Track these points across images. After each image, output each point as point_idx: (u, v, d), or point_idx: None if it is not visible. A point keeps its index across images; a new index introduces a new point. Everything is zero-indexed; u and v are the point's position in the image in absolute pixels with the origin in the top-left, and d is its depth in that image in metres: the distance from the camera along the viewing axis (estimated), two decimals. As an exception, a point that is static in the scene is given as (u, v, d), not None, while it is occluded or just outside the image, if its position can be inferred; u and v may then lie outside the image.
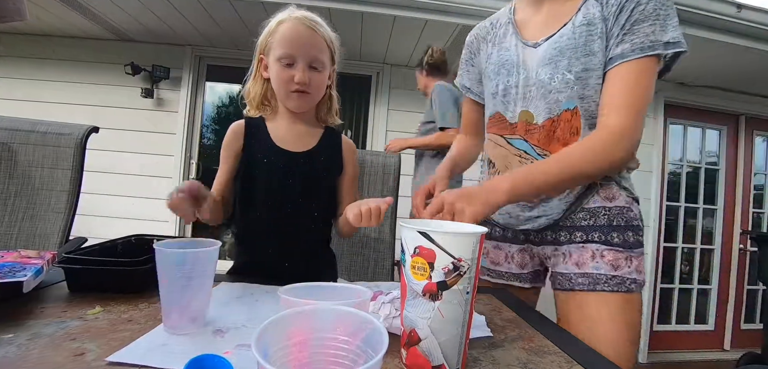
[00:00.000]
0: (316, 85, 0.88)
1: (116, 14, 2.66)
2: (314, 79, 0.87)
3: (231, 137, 0.92)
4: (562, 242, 0.85)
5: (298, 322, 0.35)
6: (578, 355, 0.55)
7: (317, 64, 0.86)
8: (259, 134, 0.91)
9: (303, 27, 0.85)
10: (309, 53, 0.85)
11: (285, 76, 0.85)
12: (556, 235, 0.86)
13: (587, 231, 0.82)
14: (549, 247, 0.88)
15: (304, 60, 0.85)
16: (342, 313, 0.35)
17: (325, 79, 0.90)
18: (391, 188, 1.30)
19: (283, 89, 0.87)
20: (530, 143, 0.83)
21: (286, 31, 0.85)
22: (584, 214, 0.82)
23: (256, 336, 0.29)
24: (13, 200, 1.15)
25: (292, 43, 0.84)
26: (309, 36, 0.85)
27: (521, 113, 0.84)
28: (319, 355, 0.34)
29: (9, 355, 0.43)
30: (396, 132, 3.24)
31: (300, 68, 0.84)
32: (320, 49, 0.87)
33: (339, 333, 0.34)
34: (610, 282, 0.77)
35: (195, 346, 0.49)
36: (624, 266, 0.78)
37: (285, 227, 0.88)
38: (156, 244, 0.52)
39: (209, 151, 3.44)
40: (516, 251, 0.94)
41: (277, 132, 0.91)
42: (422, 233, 0.45)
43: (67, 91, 3.08)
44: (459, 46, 1.13)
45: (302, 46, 0.84)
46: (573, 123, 0.78)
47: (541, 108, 0.80)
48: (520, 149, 0.85)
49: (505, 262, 0.95)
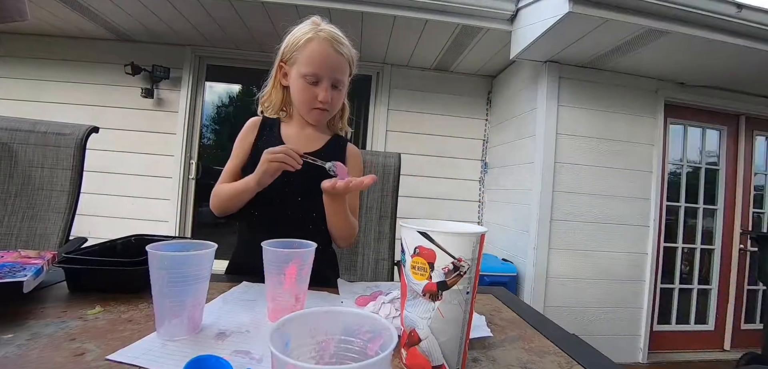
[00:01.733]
0: (335, 102, 0.93)
1: (116, 14, 2.66)
2: (335, 97, 0.91)
3: (246, 131, 0.96)
4: None
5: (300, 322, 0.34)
6: (578, 355, 0.55)
7: (339, 83, 0.91)
8: (271, 133, 0.96)
9: (331, 49, 0.88)
10: (334, 74, 0.89)
11: (309, 94, 0.89)
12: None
13: None
14: None
15: (329, 80, 0.89)
16: (349, 315, 0.35)
17: (343, 95, 0.95)
18: (391, 188, 1.30)
19: (306, 105, 0.91)
20: None
21: (314, 52, 0.87)
22: None
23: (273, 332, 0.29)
24: (13, 200, 1.15)
25: (320, 64, 0.87)
26: (335, 58, 0.88)
27: None
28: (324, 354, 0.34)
29: (9, 355, 0.43)
30: (396, 132, 3.24)
31: (324, 88, 0.88)
32: (343, 71, 0.91)
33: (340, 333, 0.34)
34: None
35: (195, 347, 0.49)
36: None
37: (285, 226, 0.88)
38: (148, 246, 0.51)
39: (209, 151, 3.44)
40: None
41: (287, 133, 0.96)
42: (422, 233, 0.45)
43: (68, 91, 3.09)
44: (459, 46, 1.11)
45: (329, 67, 0.88)
46: None
47: None
48: None
49: None
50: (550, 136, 2.52)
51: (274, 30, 2.68)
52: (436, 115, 3.27)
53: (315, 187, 0.90)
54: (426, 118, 3.26)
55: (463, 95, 3.29)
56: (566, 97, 2.54)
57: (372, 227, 1.29)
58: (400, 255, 0.49)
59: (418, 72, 3.27)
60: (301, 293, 0.63)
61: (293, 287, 0.61)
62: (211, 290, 0.65)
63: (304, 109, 0.92)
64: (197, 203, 3.23)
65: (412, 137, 3.25)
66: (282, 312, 0.60)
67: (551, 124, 2.53)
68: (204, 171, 3.27)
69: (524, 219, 2.64)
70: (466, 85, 3.29)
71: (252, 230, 0.93)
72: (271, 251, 0.60)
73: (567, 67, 2.53)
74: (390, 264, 1.28)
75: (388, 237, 1.29)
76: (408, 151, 3.15)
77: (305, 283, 0.63)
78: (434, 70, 3.27)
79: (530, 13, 2.23)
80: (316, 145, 0.95)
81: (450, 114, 3.27)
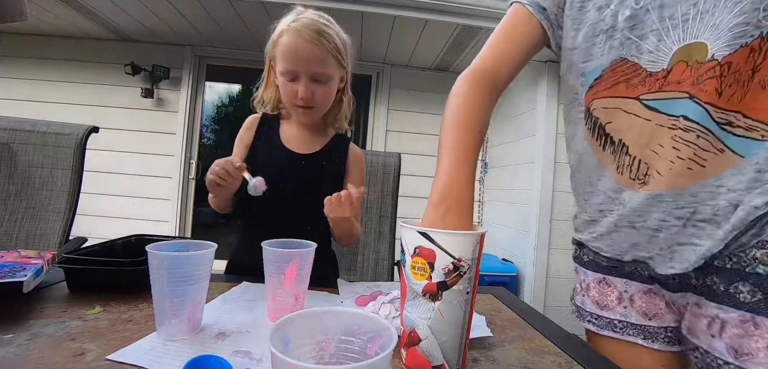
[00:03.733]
0: (320, 98, 0.86)
1: (116, 14, 2.66)
2: (318, 93, 0.84)
3: (244, 129, 0.94)
4: (714, 294, 0.51)
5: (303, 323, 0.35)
6: (578, 355, 0.55)
7: (320, 77, 0.83)
8: (270, 131, 0.93)
9: (303, 41, 0.80)
10: (310, 68, 0.82)
11: (289, 91, 0.84)
12: (704, 278, 0.52)
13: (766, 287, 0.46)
14: (691, 294, 0.54)
15: (306, 75, 0.82)
16: (350, 316, 0.35)
17: (331, 90, 0.87)
18: (391, 188, 1.30)
19: (289, 103, 0.87)
20: (701, 101, 0.48)
21: (286, 46, 0.81)
22: (766, 252, 0.47)
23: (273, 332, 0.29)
24: (13, 200, 1.15)
25: (293, 59, 0.81)
26: (309, 50, 0.80)
27: (680, 51, 0.49)
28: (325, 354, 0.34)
29: (9, 355, 0.43)
30: (396, 132, 3.24)
31: (302, 84, 0.82)
32: (323, 63, 0.83)
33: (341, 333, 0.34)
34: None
35: (195, 347, 0.49)
36: None
37: (284, 226, 0.88)
38: (148, 246, 0.51)
39: (209, 150, 3.45)
40: (637, 292, 0.62)
41: (286, 131, 0.93)
42: (422, 233, 0.45)
43: (68, 91, 3.09)
44: (459, 46, 1.10)
45: (303, 61, 0.81)
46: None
47: (723, 29, 0.45)
48: (681, 115, 0.49)
49: (619, 306, 0.63)
50: (550, 136, 2.52)
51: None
52: (437, 115, 3.27)
53: (314, 188, 0.90)
54: (426, 118, 3.26)
55: (463, 95, 3.29)
56: (566, 97, 2.54)
57: (372, 227, 1.29)
58: (400, 255, 0.49)
59: (419, 72, 3.27)
60: (301, 293, 0.63)
61: (293, 287, 0.61)
62: (211, 290, 0.65)
63: (290, 107, 0.89)
64: (197, 203, 3.23)
65: (412, 137, 3.25)
66: (282, 312, 0.60)
67: (551, 124, 2.53)
68: (204, 171, 3.26)
69: (524, 219, 2.64)
70: (466, 85, 3.29)
71: (251, 230, 0.93)
72: (271, 251, 0.60)
73: (567, 67, 2.53)
74: (390, 264, 1.28)
75: (388, 237, 1.29)
76: (408, 151, 3.15)
77: (305, 283, 0.63)
78: (434, 70, 3.27)
79: (530, 13, 2.23)
80: (315, 146, 0.93)
81: (450, 114, 3.27)
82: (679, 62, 0.49)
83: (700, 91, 0.47)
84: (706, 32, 0.46)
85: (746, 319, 0.47)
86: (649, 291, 0.60)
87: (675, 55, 0.49)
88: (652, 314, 0.59)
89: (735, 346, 0.47)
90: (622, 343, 0.62)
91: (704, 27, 0.46)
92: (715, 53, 0.46)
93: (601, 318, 0.65)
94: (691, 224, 0.51)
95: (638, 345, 0.60)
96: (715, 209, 0.49)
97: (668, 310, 0.58)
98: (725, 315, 0.49)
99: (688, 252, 0.51)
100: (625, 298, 0.62)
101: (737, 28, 0.44)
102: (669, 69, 0.50)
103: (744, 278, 0.47)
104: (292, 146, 0.91)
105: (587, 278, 0.68)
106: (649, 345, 0.59)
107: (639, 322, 0.60)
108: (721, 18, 0.45)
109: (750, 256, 0.47)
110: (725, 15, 0.45)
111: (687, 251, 0.51)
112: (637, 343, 0.60)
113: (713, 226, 0.49)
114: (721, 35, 0.45)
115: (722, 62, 0.45)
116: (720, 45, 0.45)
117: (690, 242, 0.51)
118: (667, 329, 0.59)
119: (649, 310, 0.60)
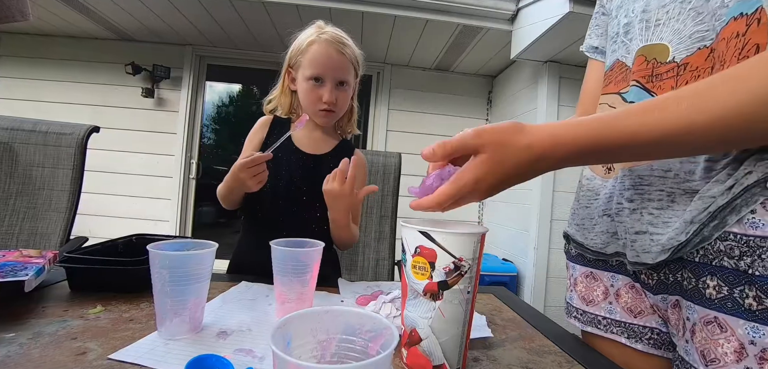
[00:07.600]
0: (341, 103, 0.94)
1: (117, 14, 2.66)
2: (340, 98, 0.92)
3: (256, 129, 0.99)
4: (685, 291, 0.48)
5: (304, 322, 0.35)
6: (578, 355, 0.55)
7: (344, 84, 0.93)
8: (281, 132, 0.95)
9: (333, 50, 0.89)
10: (337, 75, 0.90)
11: (314, 96, 0.91)
12: (676, 274, 0.49)
13: (733, 282, 0.42)
14: (670, 296, 0.51)
15: (332, 81, 0.90)
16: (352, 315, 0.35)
17: (349, 95, 0.96)
18: (391, 188, 1.30)
19: (312, 107, 0.92)
20: (652, 93, 0.52)
21: (316, 53, 0.89)
22: (729, 245, 0.43)
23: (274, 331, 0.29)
24: (14, 200, 1.15)
25: (323, 65, 0.89)
26: (338, 59, 0.90)
27: (642, 48, 0.54)
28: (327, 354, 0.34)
29: (11, 354, 0.43)
30: (396, 132, 3.24)
31: (328, 89, 0.90)
32: (347, 71, 0.92)
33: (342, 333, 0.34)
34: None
35: (196, 346, 0.49)
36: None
37: (289, 225, 0.89)
38: (149, 246, 0.51)
39: (210, 150, 3.45)
40: (623, 286, 0.60)
41: (297, 133, 0.97)
42: (423, 233, 0.45)
43: (68, 91, 3.09)
44: (459, 46, 1.11)
45: (331, 68, 0.89)
46: (752, 38, 0.41)
47: (684, 35, 0.49)
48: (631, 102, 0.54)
49: (605, 301, 0.62)
50: (551, 136, 2.52)
51: (275, 30, 2.69)
52: (437, 115, 3.27)
53: (318, 189, 0.90)
54: (426, 118, 3.26)
55: (464, 95, 3.29)
56: (566, 97, 2.54)
57: (372, 227, 1.29)
58: (401, 255, 0.49)
59: (419, 72, 3.27)
60: (309, 292, 0.63)
61: (302, 287, 0.61)
62: (212, 290, 0.65)
63: (311, 111, 0.94)
64: (198, 203, 3.23)
65: (412, 137, 3.25)
66: (291, 312, 0.60)
67: (551, 124, 2.52)
68: (204, 170, 3.27)
69: (524, 219, 2.64)
70: (466, 85, 3.29)
71: (255, 229, 0.95)
72: (280, 251, 0.60)
73: (567, 67, 2.53)
74: (390, 264, 1.28)
75: (389, 237, 1.29)
76: (408, 151, 3.15)
77: (313, 283, 0.63)
78: (434, 70, 3.27)
79: (530, 13, 2.23)
80: (324, 148, 0.98)
81: (450, 114, 3.27)
82: (638, 56, 0.54)
83: (659, 88, 0.51)
84: (669, 35, 0.51)
85: (710, 320, 0.44)
86: (635, 286, 0.59)
87: (638, 50, 0.54)
88: (637, 311, 0.58)
89: (703, 350, 0.44)
90: (607, 342, 0.61)
91: (669, 31, 0.51)
92: (675, 56, 0.50)
93: (586, 313, 0.64)
94: (646, 212, 0.51)
95: (622, 345, 0.59)
96: (670, 196, 0.49)
97: (653, 311, 0.57)
98: (695, 315, 0.46)
99: (646, 241, 0.51)
100: (611, 293, 0.61)
101: (697, 34, 0.48)
102: (632, 63, 0.55)
103: (712, 272, 0.44)
104: (302, 147, 0.96)
105: (575, 273, 0.68)
106: (633, 345, 0.58)
107: (624, 318, 0.59)
108: (684, 25, 0.49)
109: (715, 249, 0.44)
110: (688, 23, 0.49)
111: (644, 240, 0.51)
112: (620, 343, 0.59)
113: (669, 212, 0.49)
114: (683, 40, 0.49)
115: (680, 63, 0.49)
116: (681, 48, 0.49)
117: (646, 230, 0.51)
118: (653, 330, 0.57)
119: (634, 306, 0.58)
